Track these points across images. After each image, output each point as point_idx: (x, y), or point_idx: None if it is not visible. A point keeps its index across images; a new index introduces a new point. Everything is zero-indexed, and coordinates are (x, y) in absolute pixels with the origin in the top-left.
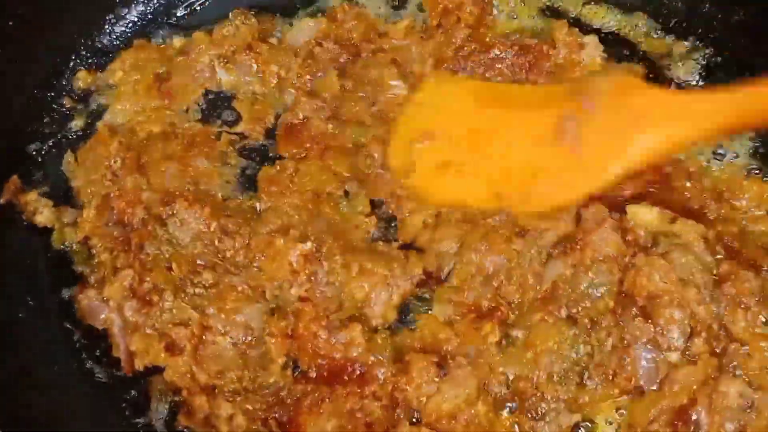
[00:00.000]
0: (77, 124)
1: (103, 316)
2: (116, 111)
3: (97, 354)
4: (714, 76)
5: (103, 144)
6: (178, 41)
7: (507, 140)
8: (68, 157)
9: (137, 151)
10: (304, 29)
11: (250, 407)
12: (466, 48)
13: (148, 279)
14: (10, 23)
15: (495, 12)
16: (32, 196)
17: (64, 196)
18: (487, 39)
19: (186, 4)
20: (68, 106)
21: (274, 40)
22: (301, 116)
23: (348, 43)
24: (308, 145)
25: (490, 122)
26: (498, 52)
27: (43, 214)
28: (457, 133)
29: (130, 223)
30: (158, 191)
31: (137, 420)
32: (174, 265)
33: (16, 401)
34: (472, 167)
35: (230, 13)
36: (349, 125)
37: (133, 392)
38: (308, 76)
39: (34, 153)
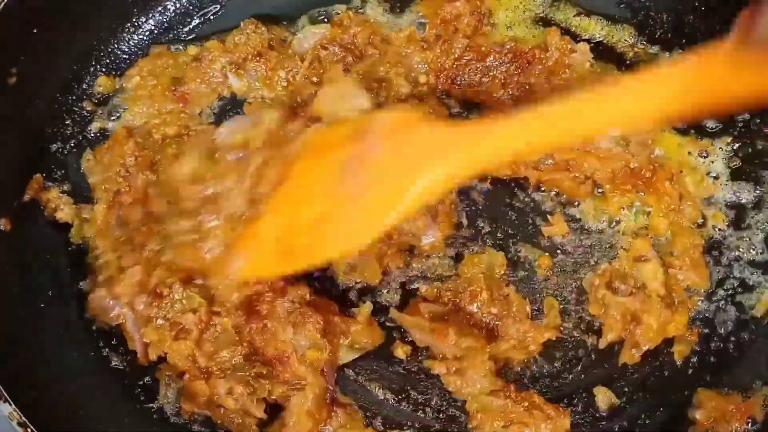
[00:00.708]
0: (97, 126)
1: (115, 312)
2: (134, 114)
3: (113, 342)
4: None
5: (119, 144)
6: (192, 49)
7: (288, 194)
8: (87, 154)
9: (151, 151)
10: (308, 36)
11: (240, 374)
12: (464, 58)
13: (155, 274)
14: (35, 30)
15: (491, 22)
16: (54, 193)
17: (83, 193)
18: (483, 48)
19: (200, 13)
20: (88, 109)
21: (280, 47)
22: (298, 99)
23: (352, 46)
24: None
25: (267, 177)
26: (493, 60)
27: (64, 210)
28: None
29: (130, 223)
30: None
31: (150, 405)
32: None
33: (36, 387)
34: (256, 229)
35: (242, 23)
36: None
37: (146, 379)
38: (315, 78)
39: (56, 153)
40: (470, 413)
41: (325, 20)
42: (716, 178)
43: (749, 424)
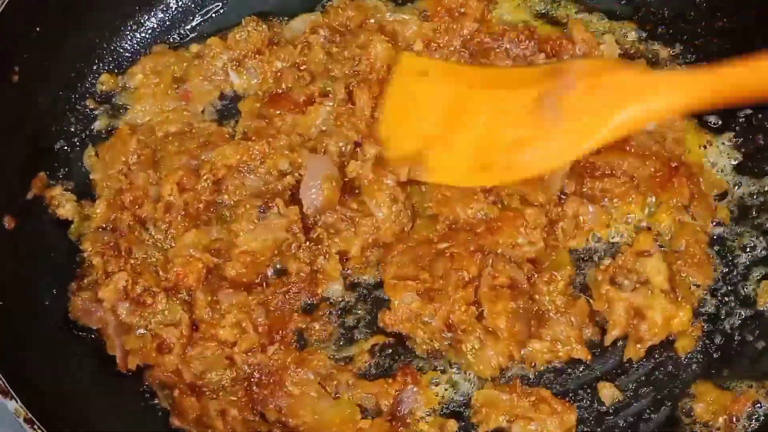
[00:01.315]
0: (100, 124)
1: (97, 316)
2: (137, 112)
3: None
4: None
5: (122, 141)
6: (194, 46)
7: (489, 116)
8: (89, 151)
9: (154, 149)
10: (298, 23)
11: (234, 398)
12: (475, 38)
13: (140, 281)
14: (37, 29)
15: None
16: (57, 191)
17: (86, 191)
18: (497, 28)
19: (202, 11)
20: (91, 107)
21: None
22: (283, 86)
23: (343, 28)
24: (291, 107)
25: (471, 101)
26: (507, 40)
27: (66, 207)
28: (439, 111)
29: (118, 229)
30: None
31: (155, 402)
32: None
33: (42, 383)
34: (456, 142)
35: (243, 20)
36: (322, 78)
37: None
38: (303, 66)
39: (59, 151)
40: (474, 408)
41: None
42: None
43: (752, 419)
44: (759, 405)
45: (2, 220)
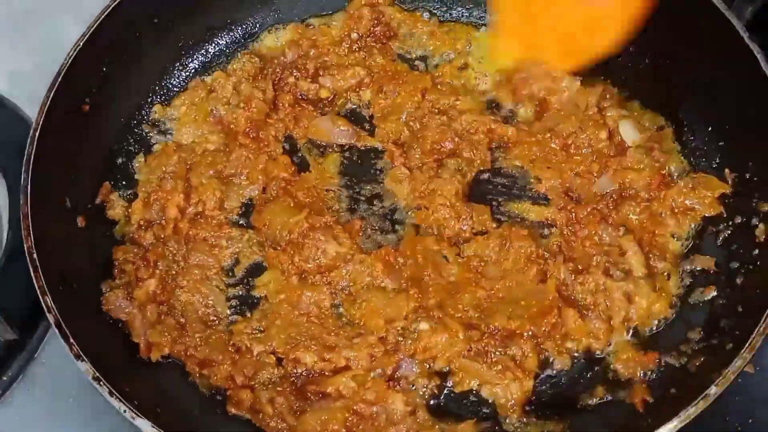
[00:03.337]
0: (154, 146)
1: (126, 311)
2: (182, 134)
3: None
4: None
5: (167, 154)
6: (208, 79)
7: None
8: (140, 157)
9: (189, 167)
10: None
11: (280, 388)
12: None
13: (167, 290)
14: (104, 69)
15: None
16: (114, 196)
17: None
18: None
19: (233, 54)
20: (147, 130)
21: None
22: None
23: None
24: None
25: None
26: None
27: (116, 210)
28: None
29: (142, 245)
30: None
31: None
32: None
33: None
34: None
35: (239, 54)
36: None
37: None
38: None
39: (121, 165)
40: (452, 372)
41: None
42: None
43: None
44: (663, 362)
45: (77, 220)
